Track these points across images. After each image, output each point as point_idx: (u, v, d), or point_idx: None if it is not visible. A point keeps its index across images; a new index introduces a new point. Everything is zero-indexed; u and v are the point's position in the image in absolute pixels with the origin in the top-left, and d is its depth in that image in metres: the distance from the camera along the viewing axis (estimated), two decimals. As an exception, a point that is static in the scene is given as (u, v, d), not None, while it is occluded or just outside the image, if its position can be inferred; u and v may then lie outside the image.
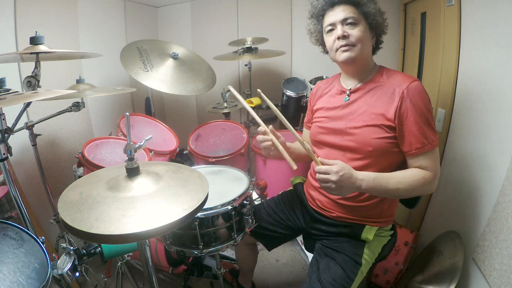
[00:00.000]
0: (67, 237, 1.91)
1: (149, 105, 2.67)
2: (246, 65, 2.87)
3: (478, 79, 1.51)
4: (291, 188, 1.67)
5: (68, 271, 1.08)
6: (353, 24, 1.23)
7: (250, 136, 2.43)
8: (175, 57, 2.44)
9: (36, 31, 1.36)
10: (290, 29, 2.96)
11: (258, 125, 1.34)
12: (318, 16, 1.33)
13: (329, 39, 1.30)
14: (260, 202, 1.75)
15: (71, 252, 1.14)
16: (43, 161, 1.87)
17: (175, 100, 3.47)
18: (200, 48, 3.16)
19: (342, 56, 1.26)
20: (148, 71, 2.21)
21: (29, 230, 1.07)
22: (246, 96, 2.87)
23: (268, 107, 2.05)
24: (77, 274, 1.14)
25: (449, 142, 1.78)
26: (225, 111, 2.70)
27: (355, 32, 1.23)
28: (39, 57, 1.31)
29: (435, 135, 1.19)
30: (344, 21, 1.23)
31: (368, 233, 1.29)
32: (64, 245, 1.15)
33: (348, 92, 1.34)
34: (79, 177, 1.62)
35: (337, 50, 1.27)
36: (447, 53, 1.77)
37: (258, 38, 2.68)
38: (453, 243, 1.55)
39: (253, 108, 2.73)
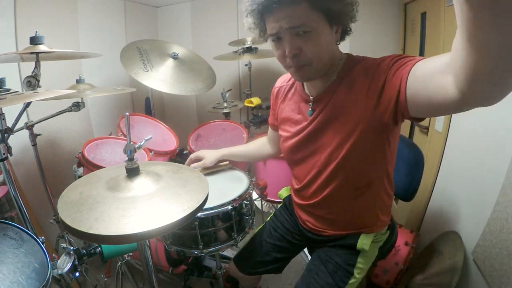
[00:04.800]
0: (67, 237, 1.91)
1: (149, 105, 2.67)
2: (246, 65, 2.87)
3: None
4: (281, 203, 1.56)
5: (68, 271, 1.09)
6: (306, 32, 0.90)
7: (250, 136, 2.43)
8: (175, 57, 2.44)
9: (36, 31, 1.36)
10: None
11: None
12: (257, 14, 0.97)
13: (276, 50, 0.99)
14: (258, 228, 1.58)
15: (71, 252, 1.14)
16: (43, 161, 1.87)
17: (175, 100, 3.48)
18: (200, 48, 3.16)
19: (296, 77, 1.02)
20: (148, 71, 2.21)
21: (29, 230, 1.07)
22: (246, 96, 2.87)
23: (268, 107, 2.05)
24: (77, 274, 1.14)
25: (449, 142, 1.78)
26: (225, 111, 2.70)
27: (310, 46, 0.91)
28: (39, 57, 1.31)
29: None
30: (292, 30, 0.90)
31: (364, 243, 1.17)
32: (64, 245, 1.15)
33: (311, 104, 1.10)
34: (79, 177, 1.62)
35: (288, 68, 1.00)
36: (447, 50, 1.77)
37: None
38: (453, 243, 1.55)
39: (253, 108, 2.75)
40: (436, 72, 0.69)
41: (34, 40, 1.33)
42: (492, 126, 1.41)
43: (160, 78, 2.24)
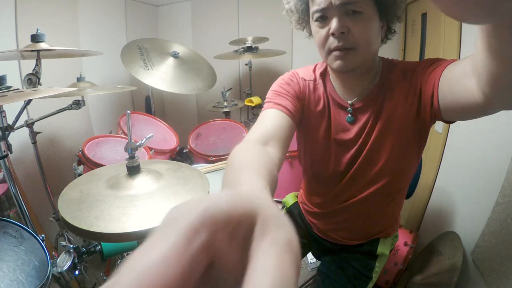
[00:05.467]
0: (66, 235, 1.91)
1: (149, 104, 2.68)
2: (246, 64, 2.88)
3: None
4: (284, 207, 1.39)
5: (68, 269, 1.09)
6: (356, 13, 0.81)
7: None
8: (175, 55, 2.44)
9: (37, 29, 1.35)
10: (291, 29, 2.93)
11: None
12: None
13: (318, 32, 0.87)
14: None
15: (71, 250, 1.14)
16: (43, 159, 1.87)
17: (175, 99, 3.48)
18: (200, 47, 3.16)
19: (336, 64, 0.86)
20: (148, 69, 2.21)
21: (29, 228, 1.07)
22: (247, 95, 2.88)
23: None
24: (77, 272, 1.14)
25: (449, 143, 1.79)
26: (225, 110, 2.71)
27: (358, 28, 0.81)
28: (40, 55, 1.31)
29: None
30: (342, 7, 0.80)
31: (384, 247, 1.12)
32: (63, 243, 1.16)
33: (350, 109, 0.96)
34: (79, 175, 1.62)
35: (330, 52, 0.86)
36: (447, 55, 1.77)
37: (259, 38, 2.68)
38: (452, 243, 1.55)
39: (254, 107, 2.76)
40: (462, 75, 0.69)
41: (35, 38, 1.33)
42: (491, 127, 1.41)
43: (161, 77, 2.25)
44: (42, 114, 1.64)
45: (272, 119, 0.85)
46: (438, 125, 1.84)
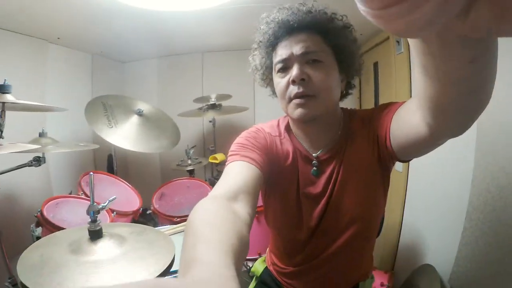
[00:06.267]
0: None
1: (112, 163, 2.62)
2: (210, 121, 2.96)
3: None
4: (253, 284, 1.23)
5: None
6: (317, 62, 0.85)
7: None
8: (140, 113, 2.46)
9: (4, 79, 1.31)
10: (253, 85, 3.12)
11: None
12: (268, 47, 0.93)
13: (279, 82, 0.89)
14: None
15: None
16: None
17: (139, 157, 3.41)
18: (165, 105, 3.21)
19: (297, 112, 0.86)
20: (112, 127, 2.20)
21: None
22: (211, 152, 2.91)
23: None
24: None
25: (410, 180, 1.90)
26: (189, 168, 2.70)
27: (319, 76, 0.84)
28: (4, 107, 1.26)
29: None
30: (303, 57, 0.85)
31: None
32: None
33: (315, 162, 0.95)
34: (37, 238, 1.54)
35: (290, 100, 0.87)
36: (400, 98, 1.94)
37: (222, 95, 2.80)
38: (428, 276, 1.56)
39: (218, 164, 2.80)
40: (408, 113, 0.72)
41: (1, 89, 1.28)
42: (447, 156, 1.51)
43: (124, 135, 2.24)
44: (-1, 169, 1.57)
45: (239, 171, 0.81)
46: (398, 164, 1.96)
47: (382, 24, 0.26)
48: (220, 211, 0.59)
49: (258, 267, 1.24)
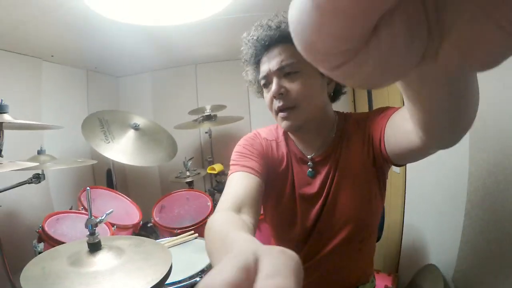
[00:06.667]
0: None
1: (111, 177, 2.62)
2: (206, 132, 2.97)
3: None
4: None
5: None
6: (293, 73, 0.89)
7: (215, 203, 2.47)
8: (136, 127, 2.48)
9: (1, 99, 1.33)
10: (247, 94, 3.16)
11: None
12: (252, 64, 0.99)
13: (266, 96, 0.96)
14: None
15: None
16: (1, 234, 1.80)
17: (138, 171, 3.40)
18: (161, 118, 3.22)
19: (283, 124, 0.92)
20: (109, 142, 2.22)
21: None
22: (209, 163, 2.92)
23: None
24: None
25: (408, 181, 1.90)
26: (188, 180, 2.71)
27: (295, 86, 0.88)
28: (2, 126, 1.28)
29: None
30: (280, 71, 0.89)
31: None
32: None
33: (310, 163, 0.99)
34: (39, 253, 1.57)
35: (276, 113, 0.93)
36: (392, 101, 1.98)
37: (217, 106, 2.82)
38: (431, 275, 1.57)
39: (216, 174, 2.81)
40: (402, 120, 0.72)
41: None
42: (445, 154, 1.50)
43: (121, 150, 2.25)
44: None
45: (240, 183, 0.86)
46: (395, 168, 1.98)
47: (342, 82, 0.25)
48: (232, 218, 0.68)
49: None
